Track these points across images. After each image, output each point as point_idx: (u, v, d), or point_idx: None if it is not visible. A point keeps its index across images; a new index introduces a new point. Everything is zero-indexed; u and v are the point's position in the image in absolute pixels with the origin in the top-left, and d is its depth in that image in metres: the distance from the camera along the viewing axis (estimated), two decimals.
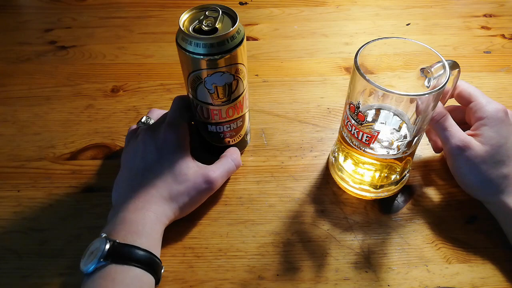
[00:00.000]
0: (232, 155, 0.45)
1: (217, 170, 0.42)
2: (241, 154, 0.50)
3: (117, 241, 0.34)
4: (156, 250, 0.37)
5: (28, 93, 0.58)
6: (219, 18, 0.38)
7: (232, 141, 0.46)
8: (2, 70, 0.61)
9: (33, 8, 0.75)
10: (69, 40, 0.67)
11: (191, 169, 0.41)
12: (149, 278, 0.35)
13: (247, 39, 0.67)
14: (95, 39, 0.67)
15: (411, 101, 0.38)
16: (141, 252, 0.34)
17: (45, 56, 0.64)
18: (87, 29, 0.69)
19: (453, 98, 0.45)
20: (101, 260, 0.33)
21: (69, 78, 0.60)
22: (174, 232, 0.42)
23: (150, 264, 0.35)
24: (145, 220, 0.37)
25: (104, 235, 0.35)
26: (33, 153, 0.50)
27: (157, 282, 0.36)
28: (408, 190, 0.46)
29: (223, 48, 0.37)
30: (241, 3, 0.75)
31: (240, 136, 0.47)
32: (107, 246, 0.33)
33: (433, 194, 0.46)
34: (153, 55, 0.64)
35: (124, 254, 0.34)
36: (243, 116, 0.45)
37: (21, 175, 0.48)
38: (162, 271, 0.37)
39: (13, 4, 0.75)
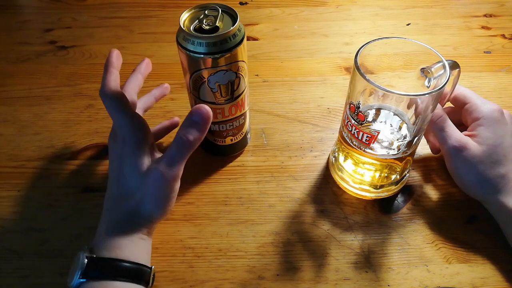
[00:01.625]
0: (177, 136, 0.36)
1: (162, 160, 0.36)
2: (242, 153, 0.50)
3: (94, 255, 0.34)
4: (138, 257, 0.36)
5: (28, 93, 0.58)
6: (219, 17, 0.38)
7: (234, 139, 0.46)
8: (2, 70, 0.61)
9: (33, 8, 0.75)
10: (69, 40, 0.67)
11: (146, 169, 0.37)
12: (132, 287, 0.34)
13: (247, 39, 0.67)
14: (95, 39, 0.67)
15: (411, 101, 0.38)
16: (122, 264, 0.34)
17: (45, 56, 0.64)
18: (87, 29, 0.69)
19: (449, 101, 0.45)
20: (81, 277, 0.33)
21: (69, 78, 0.60)
22: (174, 232, 0.42)
23: (133, 273, 0.35)
24: (118, 232, 0.36)
25: (86, 247, 0.35)
26: (33, 153, 0.50)
27: (146, 285, 0.36)
28: (408, 190, 0.46)
29: (226, 46, 0.37)
30: (241, 3, 0.75)
31: (242, 134, 0.47)
32: (85, 261, 0.33)
33: (433, 194, 0.46)
34: (153, 55, 0.64)
35: (103, 268, 0.34)
36: (244, 114, 0.45)
37: (21, 175, 0.48)
38: (152, 270, 0.37)
39: (13, 4, 0.75)
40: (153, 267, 0.37)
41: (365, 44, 0.37)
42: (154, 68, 0.61)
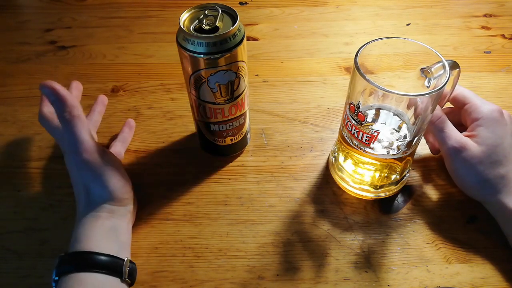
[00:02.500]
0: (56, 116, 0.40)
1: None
2: (242, 153, 0.50)
3: (63, 254, 0.35)
4: (108, 247, 0.36)
5: (28, 93, 0.58)
6: (219, 17, 0.38)
7: (234, 139, 0.46)
8: (2, 70, 0.61)
9: (33, 8, 0.75)
10: (69, 40, 0.67)
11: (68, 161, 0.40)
12: (103, 279, 0.34)
13: (247, 39, 0.67)
14: (95, 39, 0.67)
15: (411, 101, 0.38)
16: (88, 256, 0.35)
17: (45, 56, 0.64)
18: (87, 29, 0.69)
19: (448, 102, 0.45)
20: (55, 275, 0.34)
21: (69, 78, 0.60)
22: (174, 232, 0.42)
23: (104, 264, 0.35)
24: (81, 225, 0.37)
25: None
26: (33, 153, 0.50)
27: (120, 277, 0.35)
28: (408, 190, 0.46)
29: (226, 46, 0.37)
30: (241, 3, 0.75)
31: (242, 134, 0.47)
32: (57, 261, 0.35)
33: (433, 194, 0.46)
34: (153, 55, 0.64)
35: (70, 262, 0.35)
36: (244, 114, 0.45)
37: (21, 175, 0.48)
38: (126, 262, 0.36)
39: (13, 4, 0.75)
40: (126, 258, 0.36)
41: (365, 44, 0.37)
42: (154, 68, 0.62)
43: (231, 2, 0.74)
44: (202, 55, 0.37)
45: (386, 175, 0.43)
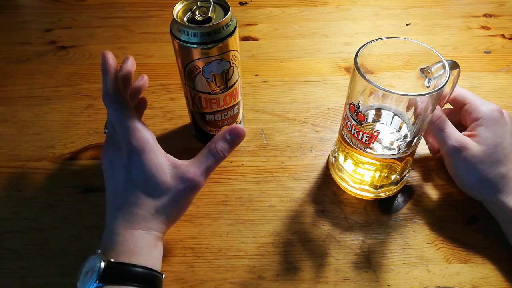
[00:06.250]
0: (213, 149, 0.38)
1: (198, 170, 0.37)
2: (241, 152, 0.50)
3: (112, 260, 0.33)
4: (153, 264, 0.35)
5: (28, 93, 0.58)
6: (211, 8, 0.39)
7: None
8: (2, 70, 0.61)
9: (33, 8, 0.75)
10: (69, 40, 0.67)
11: (169, 175, 0.37)
12: None
13: (247, 39, 0.67)
14: (95, 39, 0.67)
15: (411, 101, 0.38)
16: (138, 270, 0.33)
17: (45, 56, 0.64)
18: (87, 29, 0.69)
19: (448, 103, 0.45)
20: (97, 281, 0.32)
21: (69, 78, 0.60)
22: (174, 232, 0.42)
23: (148, 279, 0.34)
24: (135, 239, 0.35)
25: (99, 251, 0.34)
26: (33, 153, 0.50)
27: None
28: (408, 190, 0.46)
29: (219, 36, 0.38)
30: (241, 3, 0.75)
31: (236, 124, 0.48)
32: (102, 265, 0.32)
33: (433, 194, 0.46)
34: (153, 55, 0.64)
35: (120, 273, 0.33)
36: (238, 103, 0.46)
37: (21, 175, 0.48)
38: (163, 276, 0.36)
39: (13, 4, 0.75)
40: (164, 275, 0.36)
41: (365, 44, 0.37)
42: (154, 68, 0.62)
43: (231, 2, 0.74)
44: (196, 45, 0.38)
45: (386, 175, 0.43)
